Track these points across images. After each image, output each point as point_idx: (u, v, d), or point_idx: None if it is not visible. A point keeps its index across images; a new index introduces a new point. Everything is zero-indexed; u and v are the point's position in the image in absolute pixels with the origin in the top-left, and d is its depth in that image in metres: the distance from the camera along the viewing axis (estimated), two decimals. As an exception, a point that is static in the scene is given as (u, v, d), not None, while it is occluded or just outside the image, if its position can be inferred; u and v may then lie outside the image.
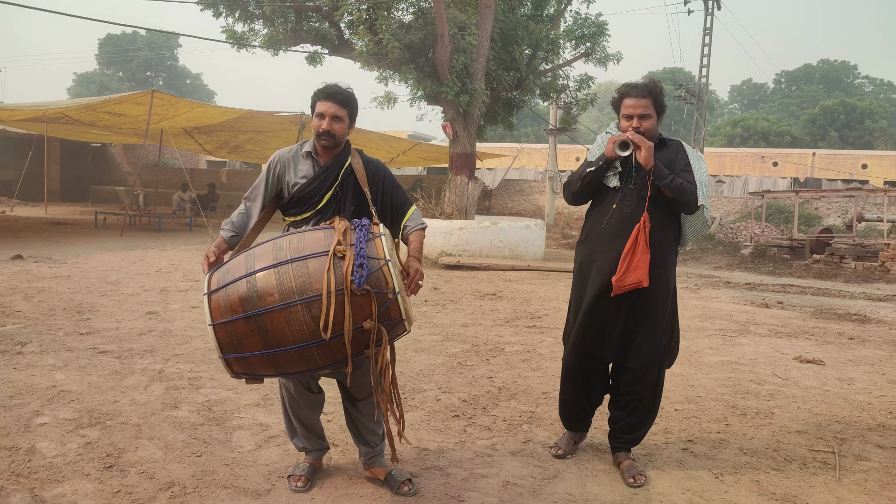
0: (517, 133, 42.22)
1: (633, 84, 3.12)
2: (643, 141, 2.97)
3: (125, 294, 7.27)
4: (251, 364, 2.45)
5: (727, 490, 3.04)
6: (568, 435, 3.37)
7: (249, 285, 2.40)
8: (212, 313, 2.42)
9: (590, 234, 3.19)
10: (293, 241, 2.50)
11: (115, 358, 4.73)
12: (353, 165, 2.86)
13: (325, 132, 2.78)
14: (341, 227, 2.51)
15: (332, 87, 2.82)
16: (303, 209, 2.82)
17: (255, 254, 2.50)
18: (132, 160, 28.63)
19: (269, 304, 2.36)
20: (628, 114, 3.10)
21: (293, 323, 2.36)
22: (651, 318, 3.07)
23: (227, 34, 14.20)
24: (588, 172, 3.13)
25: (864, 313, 8.23)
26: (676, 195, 2.99)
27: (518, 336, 6.08)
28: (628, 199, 3.07)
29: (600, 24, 14.94)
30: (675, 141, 3.21)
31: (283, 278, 2.39)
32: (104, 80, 58.31)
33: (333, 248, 2.42)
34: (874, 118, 47.05)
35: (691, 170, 3.06)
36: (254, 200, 2.88)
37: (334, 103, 2.79)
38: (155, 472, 2.97)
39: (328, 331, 2.32)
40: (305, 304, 2.36)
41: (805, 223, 21.07)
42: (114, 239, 13.27)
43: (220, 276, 2.50)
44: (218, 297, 2.44)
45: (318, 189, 2.80)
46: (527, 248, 12.68)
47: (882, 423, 4.04)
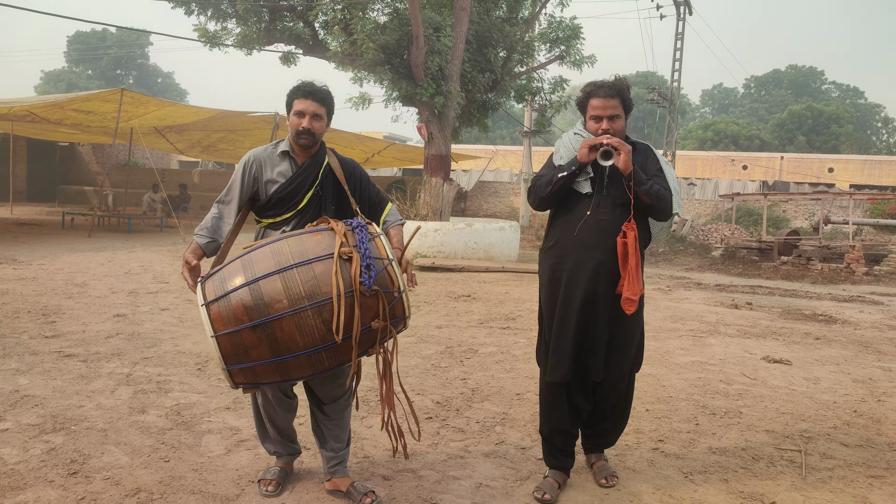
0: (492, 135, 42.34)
1: (600, 83, 2.94)
2: (622, 145, 2.82)
3: (92, 296, 7.12)
4: (257, 373, 2.38)
5: (696, 489, 3.08)
6: (552, 477, 3.03)
7: (254, 293, 2.33)
8: (213, 324, 2.33)
9: (559, 242, 2.99)
10: (293, 245, 2.43)
11: (81, 362, 4.63)
12: (331, 164, 2.81)
13: (306, 130, 2.71)
14: (341, 229, 2.47)
15: (311, 84, 2.75)
16: (282, 210, 2.74)
17: (253, 259, 2.41)
18: (101, 160, 28.10)
19: (278, 310, 2.31)
20: (597, 115, 2.93)
21: (304, 328, 2.32)
22: (630, 326, 2.97)
23: (199, 33, 14.03)
24: (560, 178, 2.92)
25: (830, 314, 8.41)
26: (655, 202, 2.87)
27: (492, 337, 6.09)
28: (603, 205, 2.90)
29: (574, 28, 15.07)
30: (643, 144, 3.08)
31: (290, 283, 2.34)
32: (73, 78, 57.18)
33: (338, 251, 2.38)
34: (840, 123, 48.16)
35: (664, 175, 2.95)
36: (228, 203, 2.77)
37: (314, 101, 2.73)
38: (121, 478, 2.91)
39: (340, 334, 2.30)
40: (316, 309, 2.32)
41: (773, 225, 21.49)
42: (81, 240, 13.00)
43: (216, 284, 2.40)
44: (218, 307, 2.34)
45: (298, 189, 2.73)
46: (501, 249, 12.72)
47: (847, 421, 4.13)
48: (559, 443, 3.03)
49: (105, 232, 15.22)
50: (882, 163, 33.64)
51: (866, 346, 6.43)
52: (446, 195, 13.48)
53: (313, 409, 2.90)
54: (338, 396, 2.83)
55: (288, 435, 2.94)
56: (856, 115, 53.64)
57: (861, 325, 7.66)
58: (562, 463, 3.05)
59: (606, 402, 3.08)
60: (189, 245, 2.70)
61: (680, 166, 33.58)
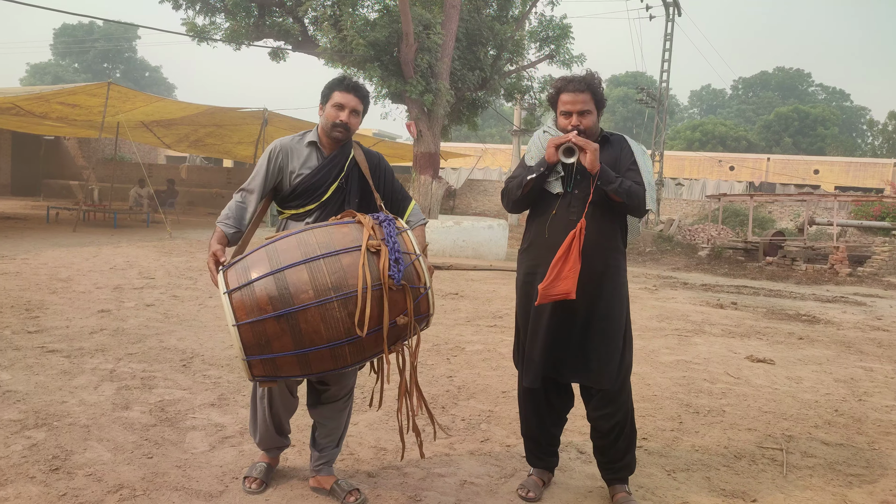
0: (482, 133, 42.40)
1: (570, 78, 2.86)
2: (588, 144, 2.71)
3: (77, 291, 7.06)
4: (277, 365, 2.33)
5: (679, 487, 3.10)
6: (535, 475, 3.01)
7: (279, 282, 2.28)
8: (235, 313, 2.27)
9: (533, 244, 2.93)
10: (320, 236, 2.39)
11: (64, 357, 4.60)
12: (357, 158, 2.79)
13: (343, 124, 2.69)
14: (369, 222, 2.44)
15: (352, 80, 2.74)
16: (305, 202, 2.72)
17: (278, 249, 2.37)
18: (87, 154, 27.83)
19: (303, 301, 2.27)
20: (566, 111, 2.83)
21: (329, 320, 2.28)
22: (609, 331, 2.82)
23: (187, 27, 13.94)
24: (529, 180, 2.84)
25: (814, 314, 8.50)
26: (625, 199, 2.75)
27: (479, 335, 6.11)
28: (574, 204, 2.81)
29: (564, 27, 15.12)
30: (617, 136, 2.96)
31: (317, 274, 2.30)
32: (59, 70, 56.62)
33: (366, 243, 2.35)
34: (826, 125, 48.66)
35: (638, 168, 2.83)
36: (252, 192, 2.71)
37: (356, 97, 2.71)
38: (103, 474, 2.89)
39: (365, 328, 2.26)
40: (342, 301, 2.29)
41: (759, 226, 21.67)
42: (66, 235, 12.88)
43: (239, 272, 2.35)
44: (241, 295, 2.29)
45: (323, 180, 2.71)
46: (490, 248, 12.75)
47: (828, 420, 4.18)
48: (542, 442, 3.01)
49: (90, 227, 15.09)
50: (867, 165, 34.01)
51: (848, 347, 6.51)
52: (435, 193, 13.48)
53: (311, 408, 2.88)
54: (338, 397, 2.81)
55: (282, 429, 2.92)
56: (842, 117, 54.22)
57: (844, 326, 7.74)
58: (545, 462, 3.03)
59: (612, 418, 2.87)
60: (214, 234, 2.63)
61: (668, 166, 33.77)
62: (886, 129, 48.90)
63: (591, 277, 2.76)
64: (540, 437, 3.00)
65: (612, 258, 2.84)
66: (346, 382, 2.82)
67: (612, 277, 2.83)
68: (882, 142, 49.42)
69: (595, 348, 2.80)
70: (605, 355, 2.80)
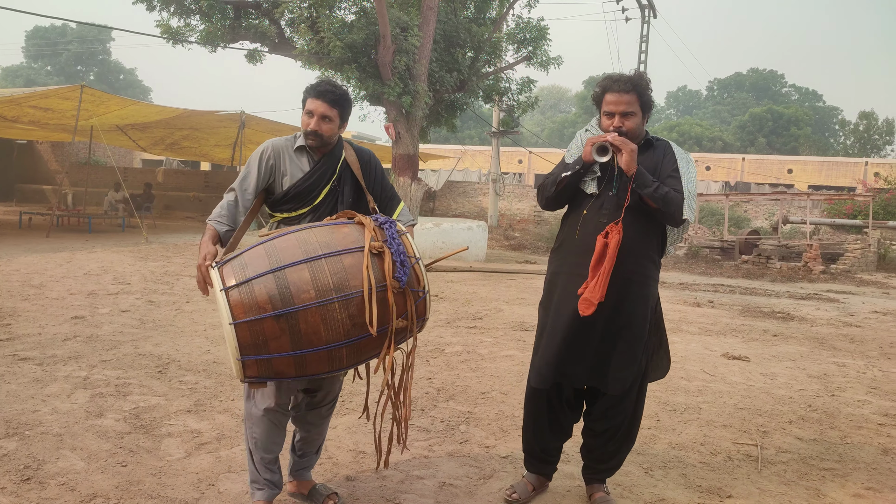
0: (461, 135, 42.47)
1: (616, 77, 2.75)
2: (625, 143, 2.61)
3: (50, 298, 6.94)
4: (273, 366, 2.27)
5: (656, 484, 3.13)
6: (527, 478, 2.96)
7: (279, 281, 2.23)
8: (232, 311, 2.20)
9: (563, 244, 2.86)
10: (321, 236, 2.36)
11: (36, 365, 4.52)
12: (348, 158, 2.74)
13: (313, 132, 2.63)
14: (370, 224, 2.42)
15: (325, 84, 2.65)
16: (298, 205, 2.67)
17: (278, 247, 2.32)
18: (60, 158, 27.38)
19: (305, 301, 2.22)
20: (609, 111, 2.73)
21: (329, 322, 2.24)
22: (629, 340, 2.73)
23: (161, 29, 13.76)
24: (564, 177, 2.76)
25: (788, 311, 8.63)
26: (661, 206, 2.64)
27: (458, 337, 6.11)
28: (606, 206, 2.72)
29: (541, 29, 15.18)
30: (662, 141, 2.85)
31: (319, 274, 2.26)
32: (31, 73, 55.64)
33: (369, 245, 2.33)
34: (799, 125, 49.45)
35: (679, 176, 2.71)
36: (244, 191, 2.64)
37: (324, 102, 2.62)
38: (76, 483, 2.84)
39: (375, 326, 2.25)
40: (343, 302, 2.26)
41: (735, 225, 21.95)
42: (39, 240, 12.65)
43: (237, 269, 2.27)
44: (239, 293, 2.22)
45: (315, 184, 2.67)
46: (469, 249, 12.76)
47: (802, 415, 4.25)
48: (537, 450, 2.94)
49: (64, 232, 14.84)
50: (839, 164, 34.63)
51: (822, 343, 6.62)
52: (414, 195, 13.47)
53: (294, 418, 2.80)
54: (323, 403, 2.78)
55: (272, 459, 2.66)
56: (814, 117, 55.14)
57: (817, 322, 7.87)
58: (538, 468, 2.97)
59: (610, 420, 2.83)
60: (206, 232, 2.53)
61: (645, 167, 33.99)
62: (858, 129, 49.84)
63: (616, 282, 2.66)
64: (535, 445, 2.93)
65: (642, 266, 2.73)
66: (333, 388, 2.79)
67: (639, 285, 2.72)
68: (854, 141, 50.35)
69: (611, 354, 2.73)
70: (621, 362, 2.73)
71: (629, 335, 2.73)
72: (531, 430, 2.92)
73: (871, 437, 3.90)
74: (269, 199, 2.72)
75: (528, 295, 8.87)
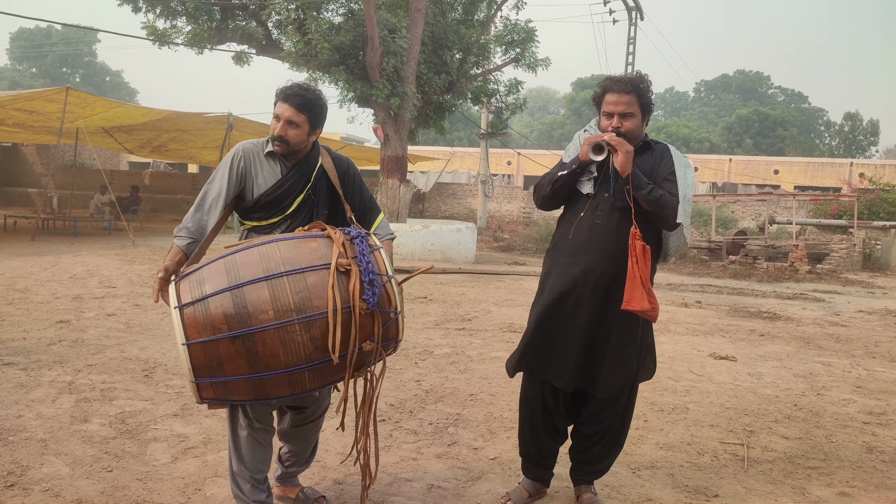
0: (450, 137, 42.48)
1: (616, 78, 2.75)
2: (621, 144, 2.60)
3: (34, 302, 6.87)
4: (229, 389, 2.14)
5: (643, 484, 3.14)
6: (523, 485, 2.93)
7: (237, 299, 2.08)
8: (186, 330, 2.06)
9: (557, 244, 2.85)
10: (285, 250, 2.20)
11: (20, 370, 4.47)
12: (325, 166, 2.60)
13: (278, 137, 2.49)
14: (339, 238, 2.25)
15: (293, 88, 2.50)
16: (269, 214, 2.53)
17: (238, 262, 2.16)
18: (46, 161, 27.14)
19: (263, 322, 2.07)
20: (608, 111, 2.72)
21: (289, 344, 2.09)
22: (620, 343, 2.71)
23: (147, 30, 13.69)
24: (560, 176, 2.75)
25: (775, 311, 8.70)
26: (654, 208, 2.63)
27: (447, 339, 6.11)
28: (601, 208, 2.71)
29: (529, 31, 15.23)
30: (661, 144, 2.84)
31: (279, 293, 2.10)
32: (16, 76, 55.13)
33: (336, 262, 2.17)
34: (786, 126, 49.88)
35: (675, 179, 2.69)
36: (212, 199, 2.50)
37: (291, 106, 2.47)
38: (61, 489, 2.82)
39: (337, 352, 2.10)
40: (305, 324, 2.10)
41: (722, 226, 22.11)
42: (24, 244, 12.53)
43: (193, 285, 2.13)
44: (194, 311, 2.08)
45: (288, 193, 2.52)
46: (458, 250, 12.77)
47: (788, 415, 4.28)
48: (533, 453, 2.90)
49: (49, 235, 14.70)
50: (824, 165, 34.96)
51: (808, 342, 6.67)
52: (403, 197, 13.47)
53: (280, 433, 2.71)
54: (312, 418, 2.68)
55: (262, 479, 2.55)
56: (800, 118, 55.65)
57: (803, 322, 7.94)
58: (535, 474, 2.93)
59: (600, 423, 2.82)
60: (168, 251, 2.40)
61: (633, 168, 34.18)
62: (843, 130, 50.37)
63: (608, 282, 2.67)
64: (533, 448, 2.89)
65: None
66: (321, 403, 2.69)
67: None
68: (839, 142, 50.88)
69: (601, 357, 2.71)
70: (612, 366, 2.71)
71: (619, 338, 2.71)
72: (527, 432, 2.89)
73: (856, 436, 3.93)
74: (239, 205, 2.59)
75: (517, 296, 8.88)
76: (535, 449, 2.89)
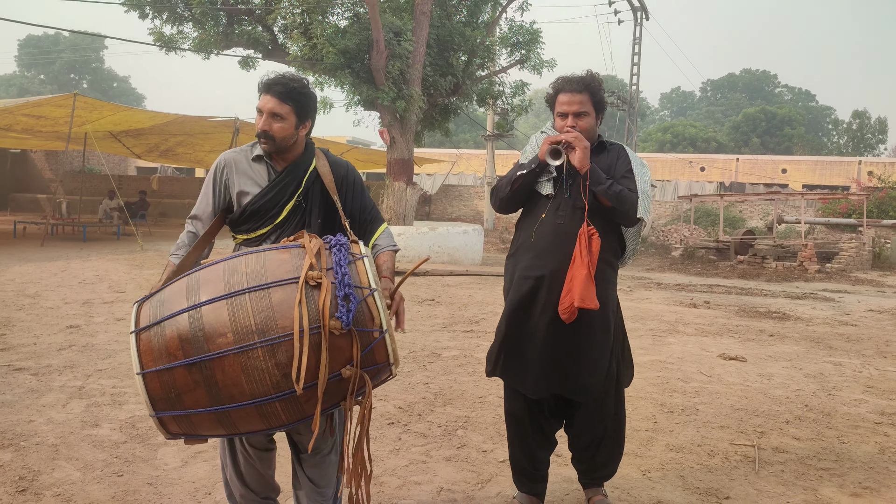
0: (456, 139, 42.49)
1: (568, 78, 2.71)
2: (579, 139, 2.57)
3: (45, 307, 6.92)
4: (193, 424, 1.89)
5: (654, 486, 3.13)
6: (519, 500, 2.85)
7: (193, 321, 1.85)
8: (141, 358, 1.85)
9: (520, 248, 2.77)
10: (251, 264, 1.95)
11: (31, 375, 4.50)
12: (319, 169, 2.36)
13: (262, 132, 2.28)
14: (313, 246, 1.98)
15: (275, 77, 2.30)
16: (257, 224, 2.32)
17: (201, 279, 1.94)
18: (54, 167, 27.35)
19: (221, 346, 1.82)
20: (562, 111, 2.69)
21: (251, 372, 1.83)
22: (591, 345, 2.64)
23: (154, 36, 13.78)
24: (518, 177, 2.69)
25: (784, 311, 8.65)
26: (615, 203, 2.60)
27: (455, 341, 6.11)
28: (563, 208, 2.66)
29: (534, 32, 15.25)
30: (616, 145, 2.82)
31: (239, 313, 1.85)
32: (24, 82, 55.63)
33: (305, 275, 1.89)
34: (793, 125, 49.64)
35: (633, 176, 2.68)
36: (199, 217, 2.36)
37: (272, 97, 2.26)
38: (72, 494, 2.83)
39: (301, 382, 1.80)
40: (268, 348, 1.83)
41: (730, 225, 22.02)
42: (34, 249, 12.62)
43: (154, 307, 1.92)
44: (150, 336, 1.87)
45: (276, 200, 2.30)
46: (465, 253, 12.77)
47: (799, 415, 4.25)
48: (525, 466, 2.82)
49: (59, 241, 14.80)
50: (832, 163, 34.78)
51: (818, 342, 6.63)
52: (409, 199, 13.49)
53: (294, 462, 2.39)
54: (320, 449, 2.30)
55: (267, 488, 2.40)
56: (807, 117, 55.37)
57: (813, 322, 7.89)
58: (529, 488, 2.85)
59: (592, 432, 2.75)
60: (164, 271, 2.27)
61: (640, 168, 34.11)
62: (851, 128, 50.06)
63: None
64: (523, 458, 2.82)
65: (600, 268, 2.63)
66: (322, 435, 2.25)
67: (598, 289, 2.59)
68: (847, 140, 50.58)
69: (574, 361, 2.64)
70: (586, 369, 2.64)
71: (590, 340, 2.64)
72: (517, 444, 2.82)
73: (868, 437, 3.90)
74: (227, 218, 2.40)
75: (525, 298, 8.87)
76: (527, 461, 2.81)
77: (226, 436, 2.00)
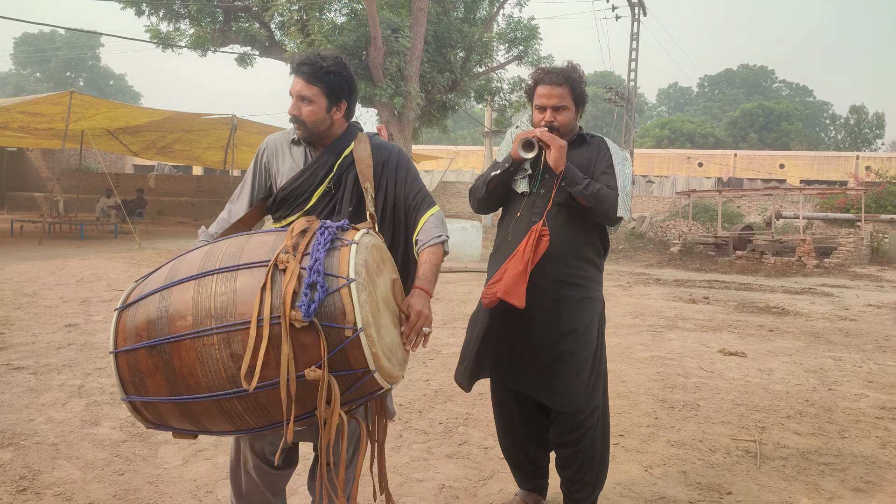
0: (453, 135, 42.51)
1: (548, 69, 2.58)
2: (553, 139, 2.45)
3: (43, 306, 6.90)
4: (161, 414, 1.77)
5: (655, 482, 3.13)
6: (520, 496, 2.77)
7: (161, 302, 1.75)
8: (116, 337, 1.77)
9: (498, 247, 2.69)
10: (233, 245, 1.84)
11: (30, 374, 4.48)
12: (356, 154, 2.20)
13: (292, 117, 2.16)
14: (299, 227, 1.83)
15: (304, 57, 2.15)
16: (288, 211, 2.20)
17: (186, 259, 1.85)
18: (51, 165, 27.27)
19: (179, 329, 1.70)
20: (541, 105, 2.57)
21: (207, 361, 1.68)
22: (574, 348, 2.49)
23: (151, 34, 13.74)
24: (494, 176, 2.58)
25: (783, 306, 8.66)
26: (593, 203, 2.46)
27: (455, 338, 6.10)
28: (538, 206, 2.55)
29: (532, 28, 15.23)
30: (597, 138, 2.70)
31: (202, 295, 1.72)
32: (20, 80, 55.49)
33: (276, 257, 1.72)
34: (790, 120, 49.71)
35: (613, 172, 2.54)
36: (236, 201, 2.27)
37: (300, 78, 2.13)
38: (73, 493, 2.82)
39: (254, 379, 1.62)
40: (224, 336, 1.67)
41: (728, 221, 22.03)
42: (31, 248, 12.58)
43: (141, 287, 1.85)
44: (127, 315, 1.79)
45: (306, 185, 2.17)
46: (464, 249, 12.76)
47: (799, 410, 4.25)
48: (522, 463, 2.76)
49: (56, 239, 14.76)
50: (830, 158, 34.83)
51: (817, 337, 6.64)
52: (408, 196, 13.48)
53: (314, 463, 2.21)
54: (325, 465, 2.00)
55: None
56: (805, 112, 55.47)
57: (812, 317, 7.90)
58: (530, 485, 2.79)
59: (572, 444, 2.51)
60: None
61: (638, 164, 34.20)
62: (848, 123, 50.13)
63: (549, 288, 2.50)
64: (519, 458, 2.74)
65: (577, 268, 2.55)
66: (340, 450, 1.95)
67: (575, 288, 2.53)
68: (844, 135, 50.63)
69: (556, 366, 2.49)
70: (569, 374, 2.48)
71: (572, 343, 2.50)
72: (508, 440, 2.74)
73: (869, 431, 3.90)
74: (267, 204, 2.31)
75: (524, 294, 8.87)
76: (523, 457, 2.73)
77: (195, 432, 1.84)
